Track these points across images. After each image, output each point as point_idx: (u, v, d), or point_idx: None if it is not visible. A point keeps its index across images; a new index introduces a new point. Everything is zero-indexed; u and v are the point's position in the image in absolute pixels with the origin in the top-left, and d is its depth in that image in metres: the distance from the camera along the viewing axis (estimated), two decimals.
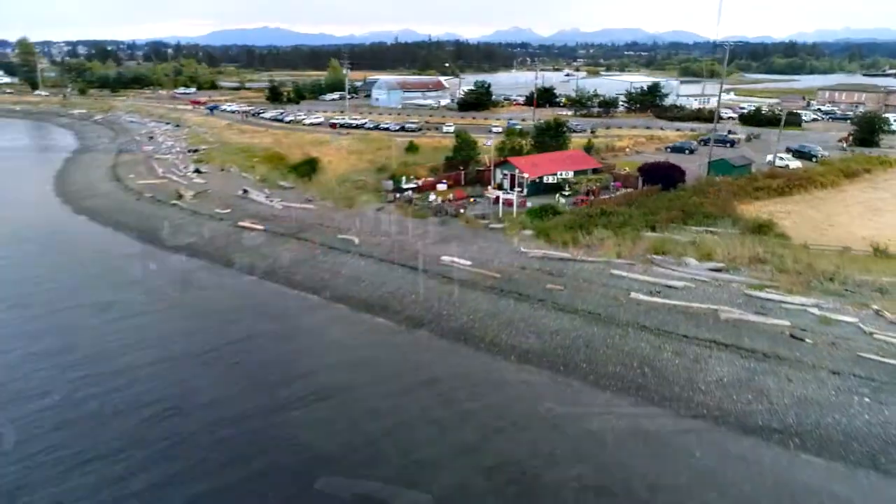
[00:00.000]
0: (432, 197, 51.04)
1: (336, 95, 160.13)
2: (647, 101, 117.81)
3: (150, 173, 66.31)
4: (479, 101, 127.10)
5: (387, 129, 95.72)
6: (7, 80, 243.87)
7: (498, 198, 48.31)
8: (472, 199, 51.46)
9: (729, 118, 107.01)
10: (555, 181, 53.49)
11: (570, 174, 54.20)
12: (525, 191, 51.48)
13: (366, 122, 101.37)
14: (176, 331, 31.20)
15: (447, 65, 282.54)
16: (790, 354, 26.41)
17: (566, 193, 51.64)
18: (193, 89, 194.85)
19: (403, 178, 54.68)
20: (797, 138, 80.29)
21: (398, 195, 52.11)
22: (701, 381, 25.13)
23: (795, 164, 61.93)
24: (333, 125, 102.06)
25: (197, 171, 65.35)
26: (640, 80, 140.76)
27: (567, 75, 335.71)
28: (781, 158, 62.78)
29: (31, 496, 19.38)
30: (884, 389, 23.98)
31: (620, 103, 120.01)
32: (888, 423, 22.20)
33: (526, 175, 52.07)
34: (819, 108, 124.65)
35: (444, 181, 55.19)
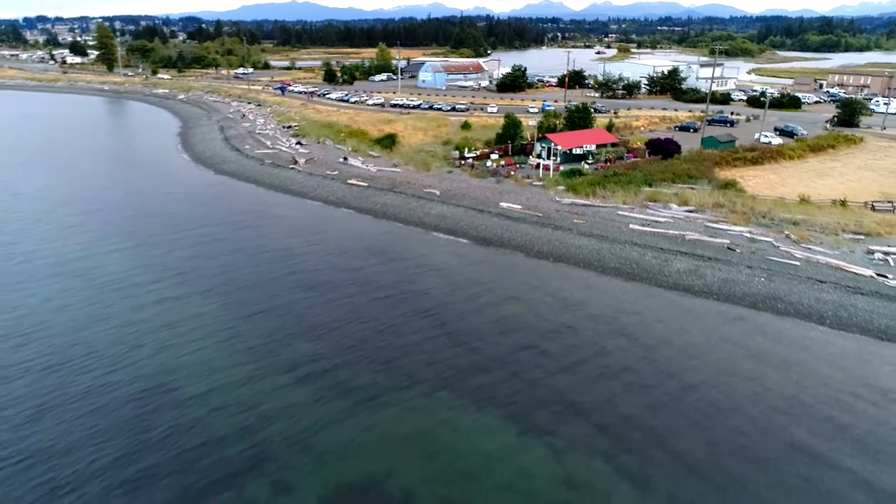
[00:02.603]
0: (488, 163, 67.86)
1: (384, 77, 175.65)
2: (667, 85, 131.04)
3: (261, 145, 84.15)
4: (515, 83, 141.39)
5: (440, 109, 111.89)
6: (78, 59, 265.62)
7: (538, 164, 64.83)
8: (518, 165, 68.05)
9: (740, 100, 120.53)
10: (581, 152, 69.54)
11: (594, 147, 70.20)
12: (558, 159, 67.74)
13: (420, 104, 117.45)
14: (345, 251, 48.72)
15: (489, 52, 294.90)
16: (724, 257, 42.77)
17: (590, 162, 67.78)
18: (251, 70, 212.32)
19: (466, 149, 71.47)
20: (793, 119, 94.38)
21: (463, 161, 69.05)
22: (666, 271, 41.78)
23: (777, 140, 76.53)
24: (383, 105, 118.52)
25: (298, 143, 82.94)
26: (662, 64, 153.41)
27: (597, 52, 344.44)
28: (766, 136, 77.43)
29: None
30: (775, 274, 40.27)
31: (643, 86, 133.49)
32: (769, 289, 38.61)
33: (559, 147, 68.34)
34: (827, 91, 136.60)
35: (497, 151, 71.83)
